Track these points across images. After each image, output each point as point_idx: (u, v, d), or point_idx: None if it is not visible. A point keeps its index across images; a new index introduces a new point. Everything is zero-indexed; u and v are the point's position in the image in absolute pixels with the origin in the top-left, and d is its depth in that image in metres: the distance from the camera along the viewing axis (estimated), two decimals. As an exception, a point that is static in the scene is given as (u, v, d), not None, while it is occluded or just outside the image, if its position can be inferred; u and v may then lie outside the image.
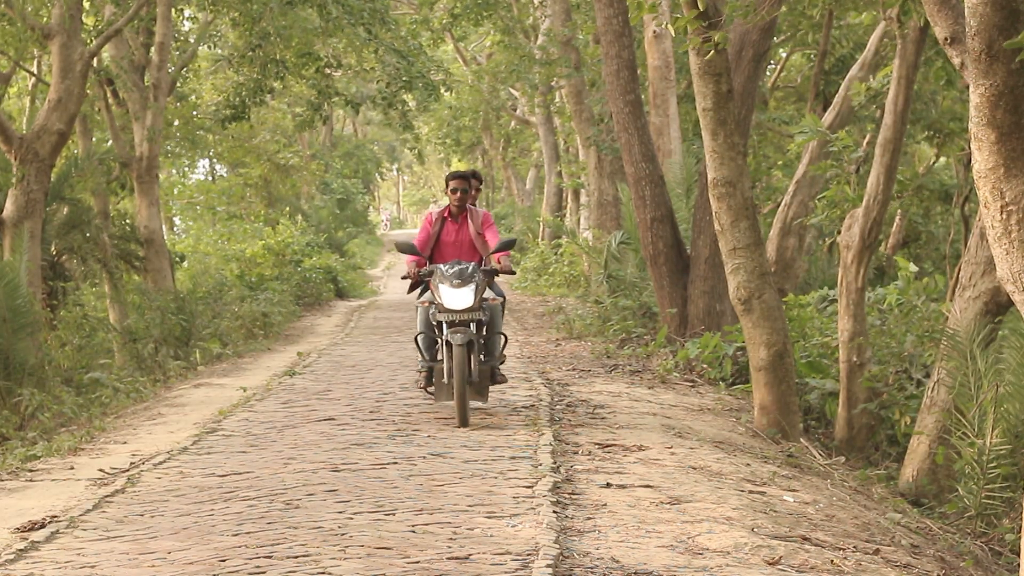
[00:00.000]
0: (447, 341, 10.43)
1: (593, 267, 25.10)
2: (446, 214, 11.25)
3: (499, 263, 10.99)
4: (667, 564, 6.34)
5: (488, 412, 11.35)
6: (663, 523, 7.34)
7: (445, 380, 10.55)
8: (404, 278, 11.16)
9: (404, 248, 11.09)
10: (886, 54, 18.55)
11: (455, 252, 11.09)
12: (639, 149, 17.84)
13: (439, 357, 10.72)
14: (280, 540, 6.76)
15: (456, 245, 11.13)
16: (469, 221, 11.19)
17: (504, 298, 11.45)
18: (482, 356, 10.74)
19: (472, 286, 10.53)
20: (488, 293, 10.90)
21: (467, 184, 11.19)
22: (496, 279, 11.31)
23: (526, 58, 28.77)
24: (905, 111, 13.00)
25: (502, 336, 11.09)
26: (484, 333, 10.79)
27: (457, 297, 10.49)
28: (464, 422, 10.34)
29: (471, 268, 10.62)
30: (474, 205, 11.43)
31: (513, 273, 11.34)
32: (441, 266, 10.67)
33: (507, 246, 11.04)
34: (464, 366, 10.27)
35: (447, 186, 11.23)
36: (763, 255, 12.19)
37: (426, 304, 10.82)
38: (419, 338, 10.95)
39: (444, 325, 10.53)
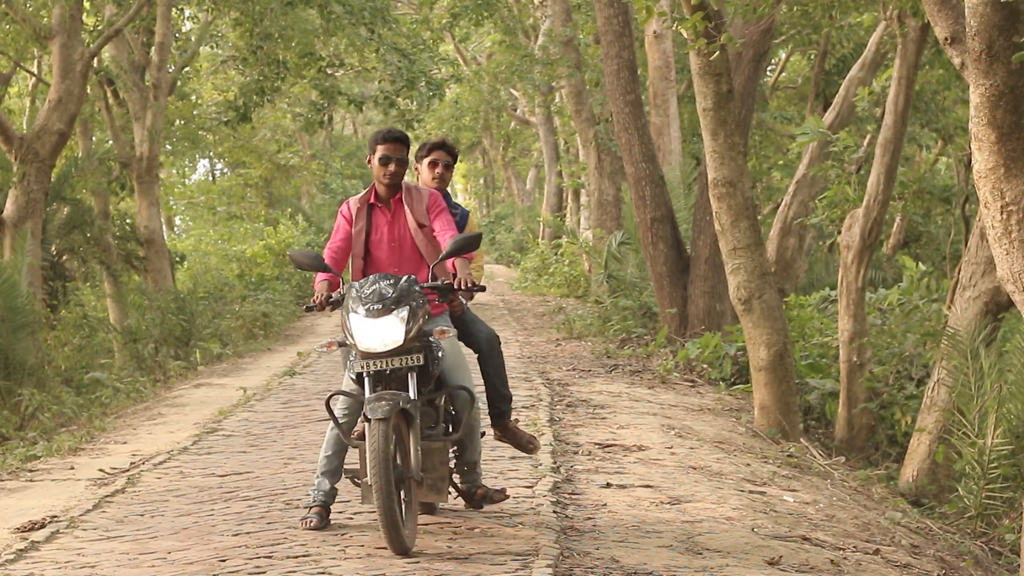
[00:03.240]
0: (364, 415, 6.42)
1: (593, 267, 25.10)
2: (372, 200, 7.11)
3: (454, 272, 6.86)
4: (667, 564, 6.34)
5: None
6: (663, 523, 7.34)
7: (368, 478, 6.38)
8: (308, 309, 6.89)
9: (303, 262, 6.91)
10: (886, 54, 18.55)
11: (394, 258, 7.05)
12: (639, 149, 17.84)
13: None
14: (280, 540, 6.76)
15: (394, 248, 7.05)
16: (406, 208, 7.07)
17: (485, 334, 7.43)
18: (433, 427, 6.89)
19: (400, 313, 6.52)
20: (445, 322, 7.02)
21: (404, 151, 7.05)
22: (470, 301, 7.51)
23: (527, 58, 28.78)
24: (905, 111, 13.01)
25: (466, 393, 6.83)
26: (432, 390, 6.80)
27: (375, 331, 6.50)
28: (400, 549, 6.28)
29: (401, 283, 6.63)
30: (446, 190, 7.57)
31: (481, 289, 6.85)
32: (356, 284, 6.72)
33: (466, 246, 6.76)
34: (387, 454, 6.21)
35: (372, 152, 7.06)
36: (763, 255, 12.20)
37: (333, 347, 6.80)
38: (331, 403, 6.79)
39: (365, 381, 6.59)
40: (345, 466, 7.00)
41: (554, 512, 7.41)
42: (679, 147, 22.06)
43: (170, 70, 25.10)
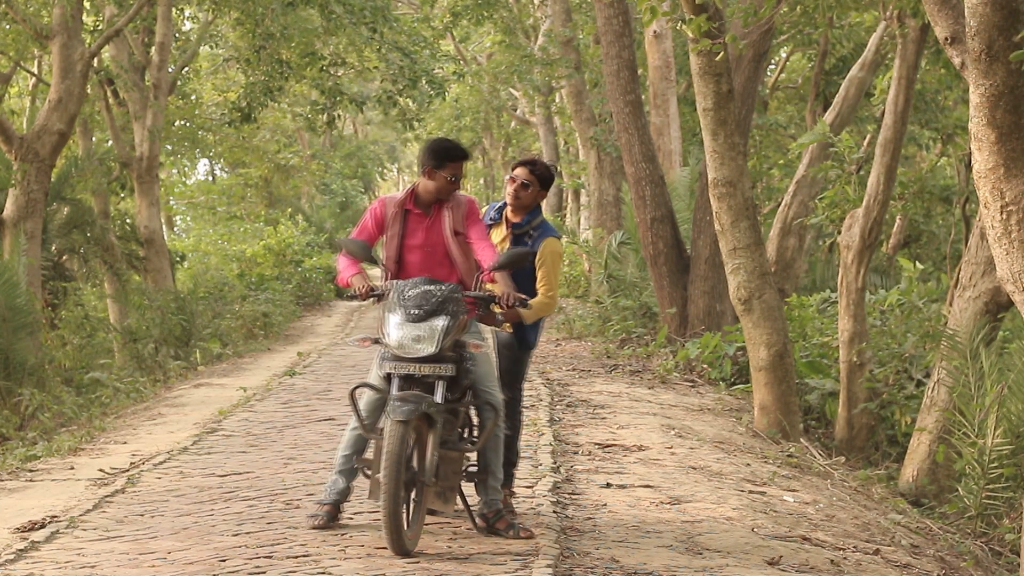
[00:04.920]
0: (386, 412, 6.45)
1: (593, 267, 25.10)
2: (409, 205, 7.01)
3: (492, 284, 6.93)
4: (667, 564, 6.34)
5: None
6: (663, 523, 7.35)
7: (381, 475, 6.34)
8: (350, 297, 6.90)
9: (354, 250, 6.88)
10: (886, 54, 18.55)
11: (426, 264, 6.95)
12: (639, 149, 17.84)
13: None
14: (280, 540, 6.76)
15: (426, 254, 6.97)
16: (445, 214, 6.98)
17: (523, 346, 7.31)
18: (459, 435, 6.85)
19: (438, 321, 6.51)
20: (476, 334, 6.90)
21: (462, 169, 7.02)
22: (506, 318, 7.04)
23: (527, 58, 28.78)
24: (905, 111, 13.01)
25: (492, 407, 6.79)
26: (459, 399, 6.74)
27: (410, 337, 6.51)
28: (400, 550, 6.28)
29: (445, 291, 6.62)
30: (534, 210, 7.28)
31: (526, 305, 6.83)
32: (400, 284, 6.71)
33: (517, 260, 6.77)
34: (401, 457, 6.23)
35: (436, 167, 6.91)
36: (763, 255, 12.20)
37: (367, 344, 6.78)
38: (357, 394, 6.75)
39: (393, 381, 6.60)
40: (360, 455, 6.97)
41: (554, 512, 7.41)
42: (679, 147, 22.06)
43: (170, 70, 25.10)
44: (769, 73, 28.75)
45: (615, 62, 18.10)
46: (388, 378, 6.61)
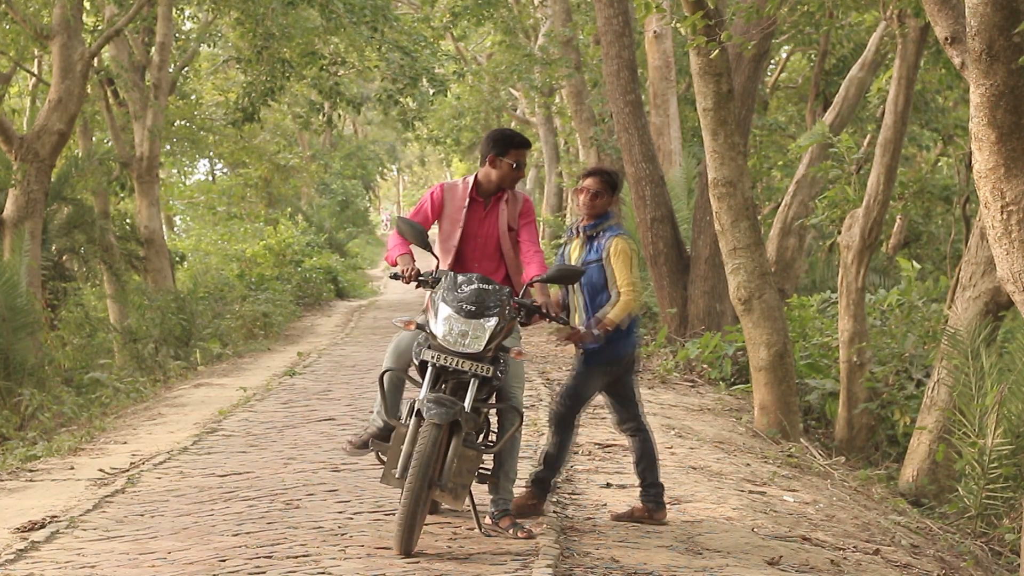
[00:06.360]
0: (417, 409, 6.47)
1: (593, 267, 25.06)
2: (474, 194, 7.05)
3: (537, 294, 6.92)
4: (667, 564, 6.34)
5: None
6: (663, 523, 7.35)
7: (396, 470, 6.42)
8: (394, 277, 6.92)
9: (408, 233, 6.76)
10: (886, 54, 18.55)
11: (476, 254, 7.04)
12: (639, 149, 17.84)
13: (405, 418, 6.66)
14: (280, 540, 6.76)
15: (478, 244, 7.05)
16: (502, 208, 7.05)
17: (596, 361, 7.33)
18: (481, 438, 6.86)
19: (489, 322, 6.52)
20: (517, 340, 6.92)
21: (525, 157, 7.05)
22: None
23: (527, 58, 28.77)
24: (905, 111, 13.02)
25: (516, 412, 6.79)
26: (483, 400, 6.72)
27: (458, 331, 6.50)
28: (406, 549, 6.27)
29: (501, 293, 6.63)
30: (605, 214, 7.27)
31: (564, 322, 7.01)
32: (455, 276, 6.69)
33: (568, 276, 6.85)
34: (431, 459, 6.27)
35: (499, 155, 6.95)
36: (763, 255, 12.20)
37: (411, 326, 6.71)
38: (386, 378, 6.80)
39: (428, 370, 6.58)
40: (374, 439, 6.91)
41: (554, 512, 7.41)
42: (679, 147, 22.04)
43: (170, 70, 25.10)
44: (769, 73, 28.73)
45: (615, 62, 18.10)
46: (422, 367, 6.58)
